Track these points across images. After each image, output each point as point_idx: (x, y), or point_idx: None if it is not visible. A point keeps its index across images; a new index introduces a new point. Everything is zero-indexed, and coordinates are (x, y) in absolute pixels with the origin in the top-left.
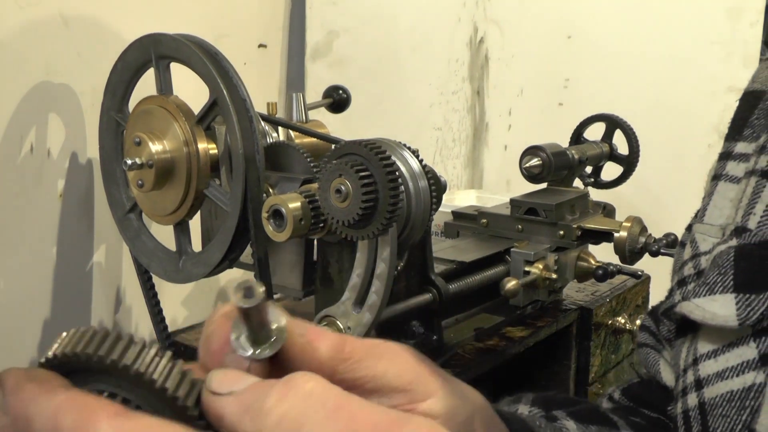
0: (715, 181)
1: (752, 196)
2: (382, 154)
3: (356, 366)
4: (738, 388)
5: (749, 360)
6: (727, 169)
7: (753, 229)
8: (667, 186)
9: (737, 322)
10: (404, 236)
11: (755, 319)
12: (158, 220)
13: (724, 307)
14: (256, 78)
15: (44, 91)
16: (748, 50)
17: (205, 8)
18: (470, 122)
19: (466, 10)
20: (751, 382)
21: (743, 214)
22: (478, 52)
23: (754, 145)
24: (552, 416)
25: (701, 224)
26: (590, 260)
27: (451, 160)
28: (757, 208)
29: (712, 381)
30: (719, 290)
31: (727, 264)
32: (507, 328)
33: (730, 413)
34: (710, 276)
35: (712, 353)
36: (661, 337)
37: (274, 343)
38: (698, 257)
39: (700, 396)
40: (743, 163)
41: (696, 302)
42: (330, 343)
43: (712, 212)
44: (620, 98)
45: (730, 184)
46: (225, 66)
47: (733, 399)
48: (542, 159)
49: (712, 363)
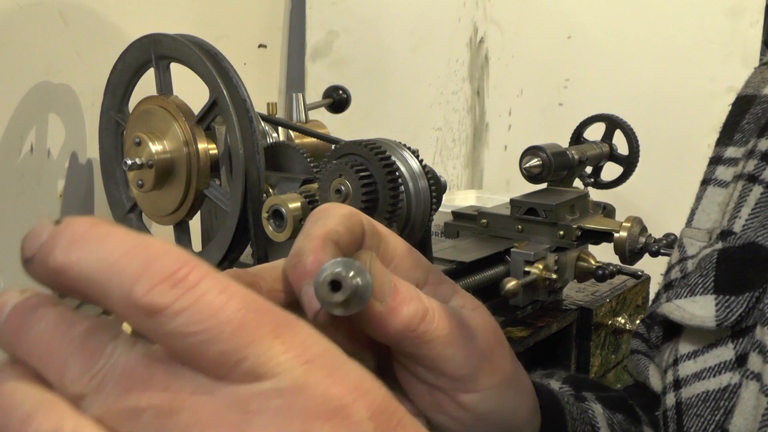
0: (704, 185)
1: (739, 199)
2: (382, 154)
3: (421, 345)
4: (714, 388)
5: (726, 361)
6: (717, 174)
7: (737, 233)
8: (667, 186)
9: (715, 323)
10: (404, 236)
11: (733, 321)
12: (158, 220)
13: (704, 308)
14: (256, 78)
15: (44, 91)
16: (748, 50)
17: (205, 8)
18: (470, 122)
19: (466, 10)
20: (726, 382)
21: (729, 217)
22: (478, 52)
23: (743, 149)
24: (581, 397)
25: (689, 228)
26: (590, 260)
27: (451, 160)
28: (742, 212)
29: (689, 381)
30: (700, 291)
31: (709, 266)
32: (507, 328)
33: (704, 413)
34: (692, 278)
35: (692, 354)
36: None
37: (355, 303)
38: (685, 261)
39: (678, 396)
40: (732, 167)
41: (677, 303)
42: (406, 319)
43: (700, 217)
44: (620, 98)
45: (718, 189)
46: (225, 66)
47: (708, 399)
48: (542, 159)
49: (691, 363)
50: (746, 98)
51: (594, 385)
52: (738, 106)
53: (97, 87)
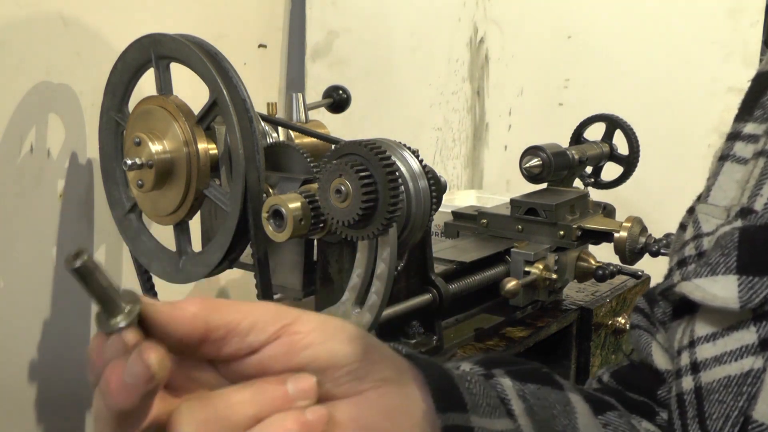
0: (722, 161)
1: (760, 177)
2: (382, 154)
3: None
4: (736, 373)
5: (748, 344)
6: (735, 150)
7: (759, 211)
8: (667, 186)
9: (739, 304)
10: (404, 236)
11: (757, 303)
12: (158, 220)
13: (726, 289)
14: (256, 78)
15: (44, 91)
16: (748, 50)
17: (205, 8)
18: (470, 122)
19: (466, 10)
20: (749, 367)
21: (750, 195)
22: (478, 52)
23: (765, 126)
24: (490, 374)
25: (705, 204)
26: (590, 260)
27: (451, 160)
28: (764, 190)
29: (709, 365)
30: (721, 271)
31: (730, 245)
32: (507, 329)
33: (726, 399)
34: (713, 257)
35: (711, 336)
36: (655, 319)
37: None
38: (700, 238)
39: (697, 380)
40: (752, 144)
41: (697, 282)
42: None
43: (716, 193)
44: (620, 98)
45: (737, 165)
46: (225, 66)
47: (731, 384)
48: (542, 159)
49: (710, 347)
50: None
51: (506, 362)
52: (758, 82)
53: (97, 87)
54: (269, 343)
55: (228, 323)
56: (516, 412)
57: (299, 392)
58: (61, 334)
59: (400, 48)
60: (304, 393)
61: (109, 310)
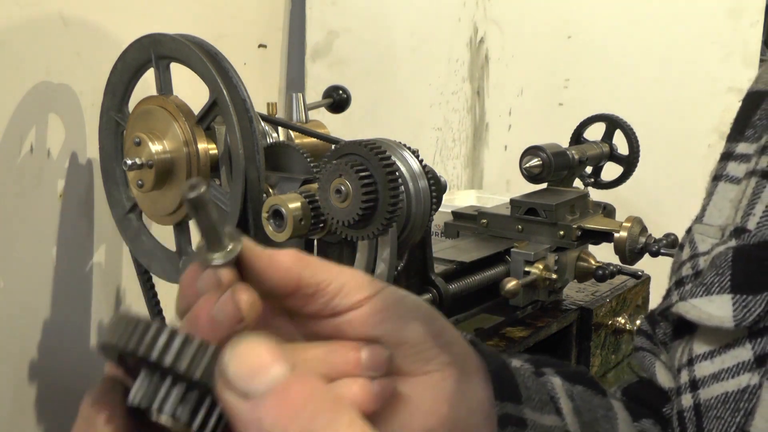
0: (716, 181)
1: (752, 196)
2: (382, 154)
3: (317, 269)
4: (733, 389)
5: (744, 361)
6: (728, 170)
7: (752, 230)
8: (667, 186)
9: (733, 323)
10: (404, 236)
11: (752, 321)
12: (158, 220)
13: (721, 308)
14: (256, 78)
15: (44, 91)
16: (748, 50)
17: (205, 8)
18: (470, 122)
19: (466, 10)
20: (746, 383)
21: (743, 214)
22: (478, 52)
23: (756, 145)
24: (540, 372)
25: (700, 225)
26: (590, 260)
27: (451, 160)
28: (756, 209)
29: (707, 382)
30: (716, 291)
31: (724, 264)
32: (507, 329)
33: (724, 415)
34: (708, 276)
35: (708, 354)
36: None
37: (230, 251)
38: (696, 258)
39: (696, 397)
40: (744, 163)
41: (693, 302)
42: (291, 252)
43: (711, 213)
44: (620, 98)
45: (730, 185)
46: (225, 66)
47: (728, 401)
48: (542, 159)
49: (708, 364)
50: (758, 94)
51: (552, 362)
52: (749, 102)
53: (97, 87)
54: (351, 309)
55: (319, 283)
56: (564, 410)
57: (372, 362)
58: (61, 334)
59: (400, 48)
60: (377, 364)
61: (211, 244)
